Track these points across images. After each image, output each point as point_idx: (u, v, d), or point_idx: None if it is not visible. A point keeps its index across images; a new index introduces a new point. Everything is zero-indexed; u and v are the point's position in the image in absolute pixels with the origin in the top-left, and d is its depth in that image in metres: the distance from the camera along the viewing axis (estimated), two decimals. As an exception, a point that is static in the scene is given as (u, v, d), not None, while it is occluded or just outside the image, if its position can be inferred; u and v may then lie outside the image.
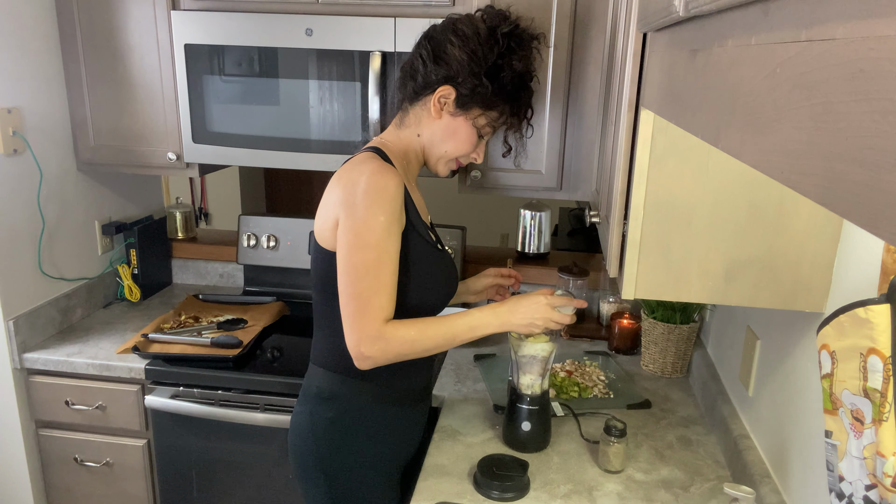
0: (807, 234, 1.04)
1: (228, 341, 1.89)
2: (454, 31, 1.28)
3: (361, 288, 1.20)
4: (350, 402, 1.33)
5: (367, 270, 1.20)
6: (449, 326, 1.25)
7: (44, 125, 1.94)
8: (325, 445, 1.33)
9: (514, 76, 1.28)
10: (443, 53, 1.27)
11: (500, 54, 1.26)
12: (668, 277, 1.08)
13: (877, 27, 0.27)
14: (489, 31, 1.27)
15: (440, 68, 1.27)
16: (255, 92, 1.83)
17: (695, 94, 0.59)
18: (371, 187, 1.19)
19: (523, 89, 1.32)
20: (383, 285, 1.21)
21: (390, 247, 1.21)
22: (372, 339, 1.20)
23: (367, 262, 1.19)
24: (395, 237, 1.22)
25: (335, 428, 1.33)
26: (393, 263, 1.22)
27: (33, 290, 1.94)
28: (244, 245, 2.27)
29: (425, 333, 1.23)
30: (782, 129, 0.38)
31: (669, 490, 1.35)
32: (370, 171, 1.21)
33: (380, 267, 1.20)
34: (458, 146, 1.33)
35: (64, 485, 1.99)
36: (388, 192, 1.20)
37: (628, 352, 1.98)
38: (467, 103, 1.28)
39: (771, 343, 1.29)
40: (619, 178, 1.07)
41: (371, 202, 1.19)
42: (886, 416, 0.70)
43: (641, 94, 0.97)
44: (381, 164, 1.23)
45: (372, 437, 1.36)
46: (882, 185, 0.27)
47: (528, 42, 1.32)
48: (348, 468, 1.35)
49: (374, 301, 1.20)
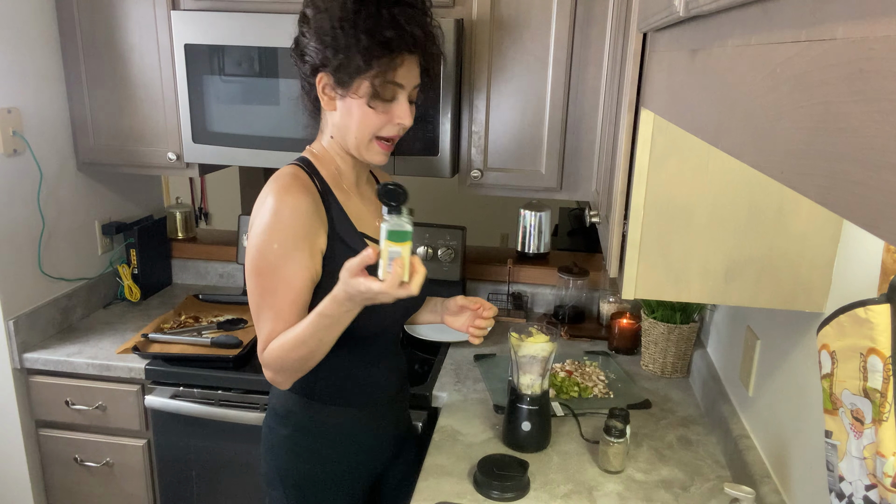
0: (807, 234, 1.04)
1: (228, 341, 1.89)
2: (302, 21, 1.21)
3: (257, 314, 1.19)
4: (303, 420, 1.32)
5: (261, 296, 1.17)
6: (303, 328, 1.15)
7: (44, 125, 1.94)
8: (282, 459, 1.34)
9: (370, 32, 1.13)
10: (304, 49, 1.21)
11: (343, 17, 1.14)
12: (668, 277, 1.08)
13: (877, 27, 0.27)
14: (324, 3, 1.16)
15: (307, 63, 1.21)
16: (255, 92, 1.83)
17: (695, 94, 0.59)
18: (268, 212, 1.15)
19: (388, 35, 1.15)
20: (277, 312, 1.17)
21: (287, 273, 1.16)
22: (264, 366, 1.20)
23: (262, 289, 1.17)
24: (297, 265, 1.16)
25: (290, 444, 1.33)
26: (292, 291, 1.16)
27: (33, 290, 1.94)
28: (244, 245, 2.27)
29: (284, 346, 1.16)
30: (782, 129, 0.38)
31: (669, 490, 1.35)
32: (273, 192, 1.17)
33: (274, 294, 1.16)
34: (363, 125, 1.21)
35: (64, 485, 1.99)
36: (284, 218, 1.15)
37: (628, 352, 1.98)
38: (343, 79, 1.17)
39: (771, 343, 1.29)
40: (619, 178, 1.07)
41: (265, 228, 1.15)
42: (886, 416, 0.70)
43: (641, 94, 0.97)
44: (286, 184, 1.17)
45: (328, 454, 1.34)
46: (882, 185, 0.27)
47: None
48: (306, 482, 1.34)
49: (265, 327, 1.18)
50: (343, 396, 1.32)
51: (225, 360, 1.83)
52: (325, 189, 1.24)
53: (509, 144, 1.85)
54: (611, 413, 1.40)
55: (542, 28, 1.76)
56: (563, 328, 2.10)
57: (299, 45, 1.23)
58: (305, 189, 1.18)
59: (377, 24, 1.14)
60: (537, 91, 1.80)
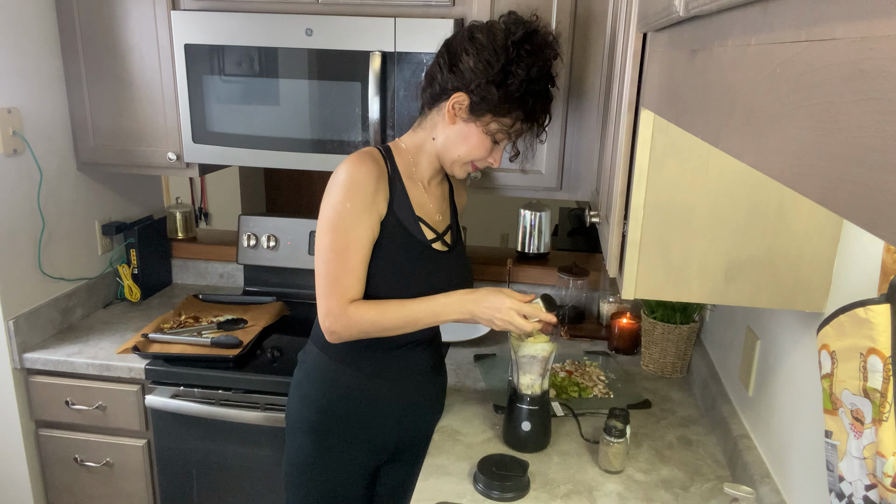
0: (807, 234, 1.04)
1: (228, 341, 1.89)
2: (470, 40, 1.31)
3: (330, 269, 1.29)
4: (334, 381, 1.41)
5: (335, 252, 1.28)
6: (410, 309, 1.31)
7: (44, 125, 1.94)
8: (302, 406, 1.45)
9: (522, 83, 1.28)
10: (458, 62, 1.31)
11: (507, 61, 1.28)
12: (668, 277, 1.08)
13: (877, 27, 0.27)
14: (503, 39, 1.29)
15: (454, 77, 1.31)
16: (255, 92, 1.83)
17: (695, 94, 0.59)
18: (342, 176, 1.29)
19: (533, 96, 1.32)
20: (351, 267, 1.29)
21: (359, 232, 1.29)
22: (335, 316, 1.29)
23: (334, 245, 1.28)
24: (365, 224, 1.29)
25: (304, 384, 1.45)
26: (362, 248, 1.30)
27: (33, 290, 1.94)
28: (244, 245, 2.27)
29: (385, 315, 1.30)
30: (782, 129, 0.38)
31: (669, 490, 1.35)
32: (347, 162, 1.30)
33: (347, 250, 1.28)
34: (470, 151, 1.35)
35: (64, 485, 1.99)
36: (357, 180, 1.28)
37: (628, 352, 1.98)
38: (479, 110, 1.31)
39: (771, 343, 1.29)
40: (619, 178, 1.07)
41: (339, 190, 1.28)
42: (886, 416, 0.70)
43: (641, 94, 0.97)
44: (359, 157, 1.31)
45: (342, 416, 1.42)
46: (882, 185, 0.27)
47: (539, 50, 1.31)
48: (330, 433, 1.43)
49: (341, 281, 1.29)
50: (382, 368, 1.42)
51: (225, 360, 1.83)
52: (395, 172, 1.37)
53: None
54: (611, 413, 1.40)
55: (542, 28, 1.75)
56: (563, 328, 2.10)
57: (454, 55, 1.32)
58: (374, 161, 1.32)
59: (532, 89, 1.30)
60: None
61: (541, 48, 1.32)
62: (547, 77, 1.34)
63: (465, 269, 1.49)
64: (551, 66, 1.35)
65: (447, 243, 1.45)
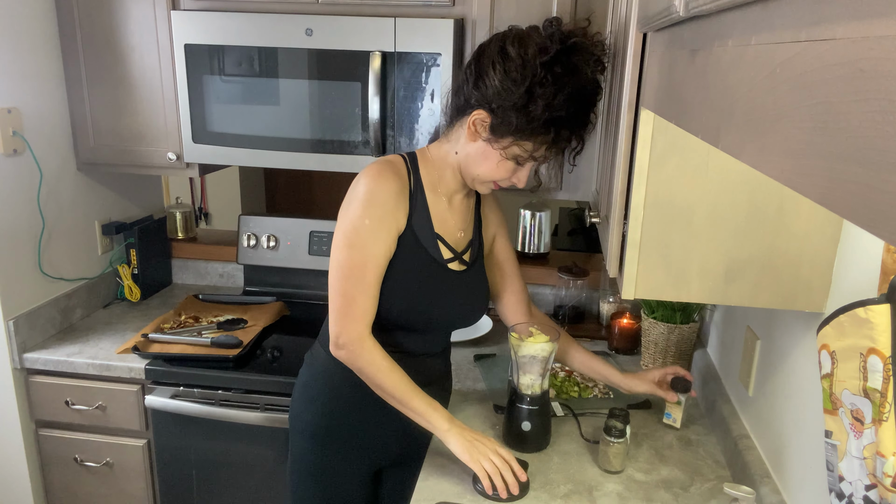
0: (807, 234, 1.04)
1: (228, 341, 1.89)
2: (501, 52, 1.20)
3: (347, 287, 1.25)
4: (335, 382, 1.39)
5: (351, 270, 1.25)
6: (410, 392, 1.28)
7: (44, 125, 1.94)
8: (306, 409, 1.43)
9: (546, 108, 1.17)
10: (483, 76, 1.21)
11: (532, 84, 1.16)
12: (668, 277, 1.08)
13: (877, 27, 0.27)
14: (533, 56, 1.17)
15: (478, 92, 1.22)
16: (254, 92, 1.83)
17: (695, 95, 0.59)
18: (362, 190, 1.24)
19: (559, 122, 1.20)
20: (367, 286, 1.25)
21: (377, 250, 1.25)
22: (350, 340, 1.26)
23: (350, 262, 1.24)
24: (382, 242, 1.25)
25: (311, 386, 1.42)
26: (378, 267, 1.26)
27: (33, 290, 1.94)
28: (244, 245, 2.27)
29: (389, 377, 1.27)
30: (782, 129, 0.38)
31: (669, 490, 1.35)
32: (368, 174, 1.25)
33: (364, 268, 1.24)
34: (490, 171, 1.27)
35: (64, 485, 1.99)
36: (377, 196, 1.24)
37: (628, 352, 1.98)
38: (500, 131, 1.22)
39: (771, 343, 1.29)
40: (619, 178, 1.07)
41: (359, 204, 1.24)
42: (886, 416, 0.70)
43: (641, 94, 0.97)
44: (381, 168, 1.26)
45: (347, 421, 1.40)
46: (882, 185, 0.27)
47: (572, 72, 1.18)
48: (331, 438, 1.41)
49: (358, 301, 1.25)
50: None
51: (225, 360, 1.83)
52: (418, 185, 1.32)
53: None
54: (611, 413, 1.40)
55: (542, 28, 1.75)
56: (563, 328, 2.09)
57: (481, 67, 1.23)
58: (395, 174, 1.27)
59: (562, 115, 1.19)
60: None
61: (574, 70, 1.18)
62: (579, 101, 1.21)
63: (479, 290, 1.44)
64: (588, 89, 1.22)
65: (466, 261, 1.40)
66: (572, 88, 1.19)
